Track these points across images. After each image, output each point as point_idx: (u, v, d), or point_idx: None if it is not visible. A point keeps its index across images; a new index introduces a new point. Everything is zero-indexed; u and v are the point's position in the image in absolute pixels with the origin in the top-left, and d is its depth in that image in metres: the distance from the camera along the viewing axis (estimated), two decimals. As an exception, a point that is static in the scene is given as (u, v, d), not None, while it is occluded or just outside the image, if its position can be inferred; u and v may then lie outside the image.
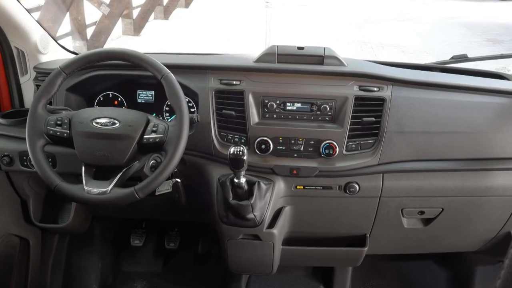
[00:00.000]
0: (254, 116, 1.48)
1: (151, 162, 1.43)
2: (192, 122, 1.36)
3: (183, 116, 1.28)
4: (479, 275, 2.02)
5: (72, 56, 1.69)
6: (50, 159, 1.54)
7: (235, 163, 1.31)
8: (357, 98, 1.46)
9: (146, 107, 1.63)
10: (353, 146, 1.47)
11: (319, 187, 1.55)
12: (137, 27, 8.49)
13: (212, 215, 1.56)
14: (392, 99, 1.46)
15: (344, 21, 10.26)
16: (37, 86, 1.64)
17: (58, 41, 1.83)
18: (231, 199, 1.44)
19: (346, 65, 1.52)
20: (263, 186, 1.47)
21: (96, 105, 1.67)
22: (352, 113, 1.45)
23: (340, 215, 1.62)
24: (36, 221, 1.79)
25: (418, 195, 1.56)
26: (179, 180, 1.53)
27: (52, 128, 1.31)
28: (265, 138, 1.47)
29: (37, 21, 1.69)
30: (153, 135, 1.30)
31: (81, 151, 1.30)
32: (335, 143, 1.45)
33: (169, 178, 1.49)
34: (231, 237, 1.59)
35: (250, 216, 1.46)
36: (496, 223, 1.67)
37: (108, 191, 1.26)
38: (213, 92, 1.49)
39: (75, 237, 2.09)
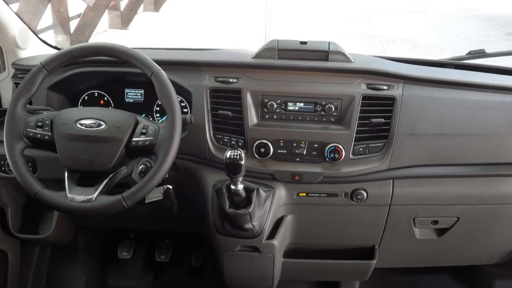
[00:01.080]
0: (252, 116, 1.49)
1: (140, 167, 1.43)
2: (184, 123, 1.36)
3: (175, 117, 1.28)
4: None
5: (54, 51, 1.70)
6: (30, 164, 1.54)
7: (232, 168, 1.31)
8: (365, 97, 1.46)
9: (134, 107, 1.63)
10: (361, 149, 1.48)
11: (323, 194, 1.55)
12: (125, 19, 8.50)
13: (207, 224, 1.56)
14: (403, 98, 1.46)
15: (350, 13, 10.29)
16: (16, 84, 1.64)
17: (39, 35, 1.83)
18: (227, 207, 1.44)
19: (353, 61, 1.52)
20: (262, 193, 1.47)
21: (80, 105, 1.67)
22: (360, 113, 1.46)
23: (346, 225, 1.62)
24: (15, 231, 1.79)
25: (432, 203, 1.57)
26: (170, 187, 1.53)
27: (32, 130, 1.31)
28: (264, 141, 1.47)
29: (15, 13, 1.69)
30: (142, 138, 1.30)
31: (64, 155, 1.30)
32: (341, 147, 1.46)
33: (159, 185, 1.49)
34: (227, 249, 1.59)
35: (248, 226, 1.46)
36: (517, 233, 1.68)
37: (93, 198, 1.26)
38: (208, 91, 1.49)
39: (58, 249, 2.09)
